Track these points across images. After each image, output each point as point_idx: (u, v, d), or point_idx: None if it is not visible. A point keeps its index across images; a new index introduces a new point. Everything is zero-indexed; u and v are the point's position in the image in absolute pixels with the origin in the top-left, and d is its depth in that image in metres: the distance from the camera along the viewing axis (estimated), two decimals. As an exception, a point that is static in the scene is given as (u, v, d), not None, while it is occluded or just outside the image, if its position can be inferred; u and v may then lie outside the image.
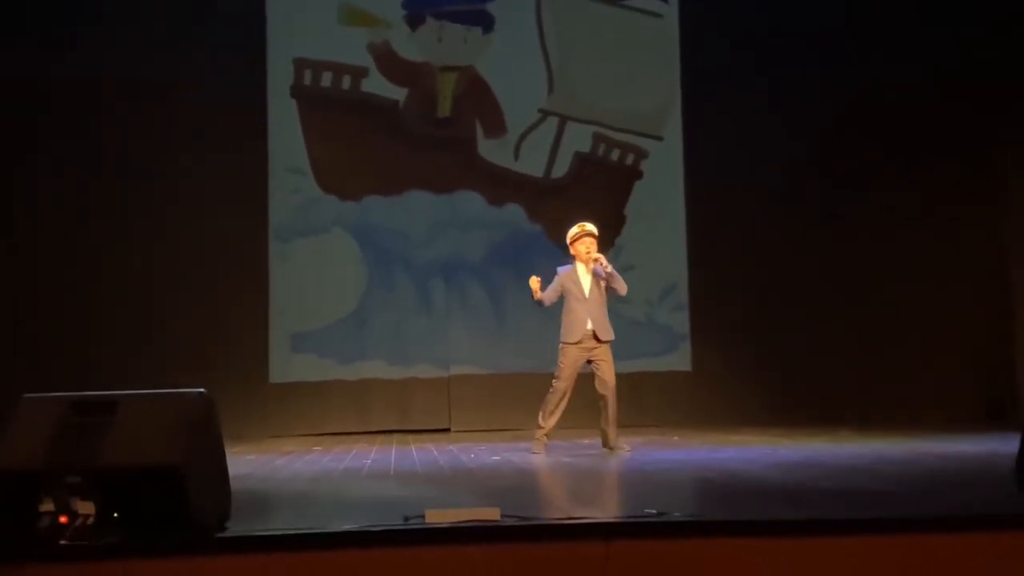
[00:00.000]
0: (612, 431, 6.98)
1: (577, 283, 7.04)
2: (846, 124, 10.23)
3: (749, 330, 10.11)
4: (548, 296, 7.09)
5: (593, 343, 6.95)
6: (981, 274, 10.30)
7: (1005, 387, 9.94)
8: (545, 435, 7.05)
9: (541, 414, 7.06)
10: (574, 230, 7.14)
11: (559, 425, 7.14)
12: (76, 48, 9.80)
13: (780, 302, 10.16)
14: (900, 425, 8.73)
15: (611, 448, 6.97)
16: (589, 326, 6.95)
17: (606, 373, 6.94)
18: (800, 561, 3.39)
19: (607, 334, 7.00)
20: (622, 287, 7.05)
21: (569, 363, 6.97)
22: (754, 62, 10.31)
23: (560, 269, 7.17)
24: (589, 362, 6.98)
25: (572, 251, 7.13)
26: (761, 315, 10.14)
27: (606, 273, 6.96)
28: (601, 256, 7.01)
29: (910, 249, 10.25)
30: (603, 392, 6.93)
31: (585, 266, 7.05)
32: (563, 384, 6.97)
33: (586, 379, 7.09)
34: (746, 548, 3.41)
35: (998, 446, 6.38)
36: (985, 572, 3.39)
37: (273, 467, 6.52)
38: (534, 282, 7.02)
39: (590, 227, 7.12)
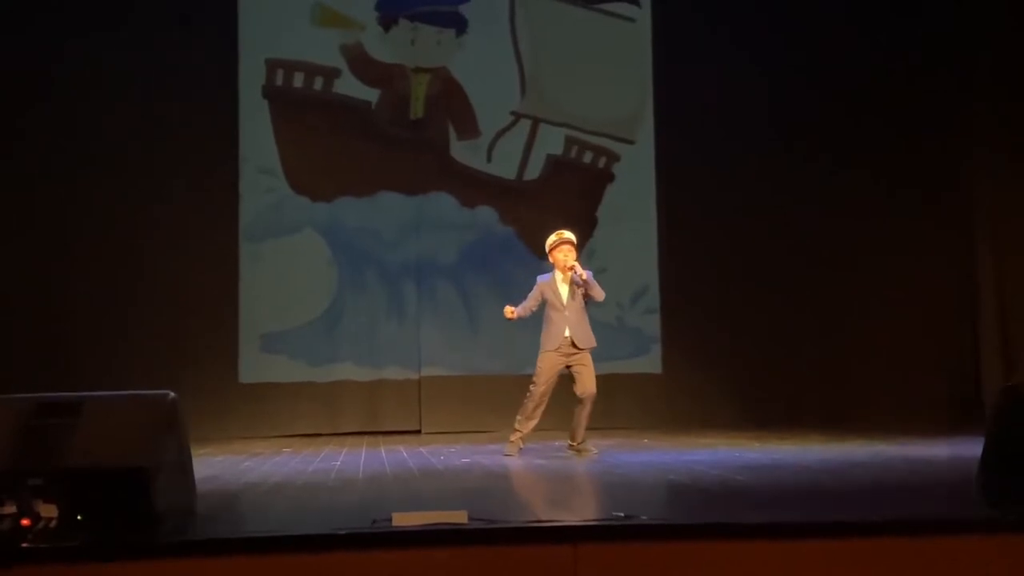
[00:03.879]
0: (580, 432, 7.00)
1: (556, 292, 7.05)
2: (818, 127, 10.28)
3: (720, 333, 10.16)
4: (527, 308, 7.11)
5: (572, 350, 6.96)
6: (949, 280, 10.38)
7: (971, 392, 10.02)
8: (521, 438, 7.06)
9: (518, 418, 7.06)
10: (552, 238, 7.14)
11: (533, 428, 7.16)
12: (44, 46, 9.68)
13: (751, 306, 10.21)
14: (868, 429, 8.79)
15: (577, 448, 6.99)
16: (567, 334, 6.95)
17: (586, 379, 6.93)
18: (767, 564, 3.40)
19: (587, 342, 7.00)
20: (599, 294, 7.07)
21: (547, 368, 6.97)
22: (725, 66, 10.35)
23: (540, 278, 7.18)
24: (569, 368, 6.99)
25: (551, 259, 7.14)
26: (732, 319, 10.19)
27: (582, 280, 6.97)
28: (576, 264, 7.02)
29: (881, 255, 10.31)
30: (582, 397, 6.93)
31: (563, 274, 7.06)
32: (540, 389, 6.97)
33: (563, 382, 7.10)
34: (714, 551, 3.43)
35: (963, 450, 6.44)
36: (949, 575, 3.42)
37: (241, 469, 6.48)
38: (508, 312, 7.07)
39: (568, 235, 7.13)
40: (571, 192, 10.46)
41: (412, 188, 10.29)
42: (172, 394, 3.84)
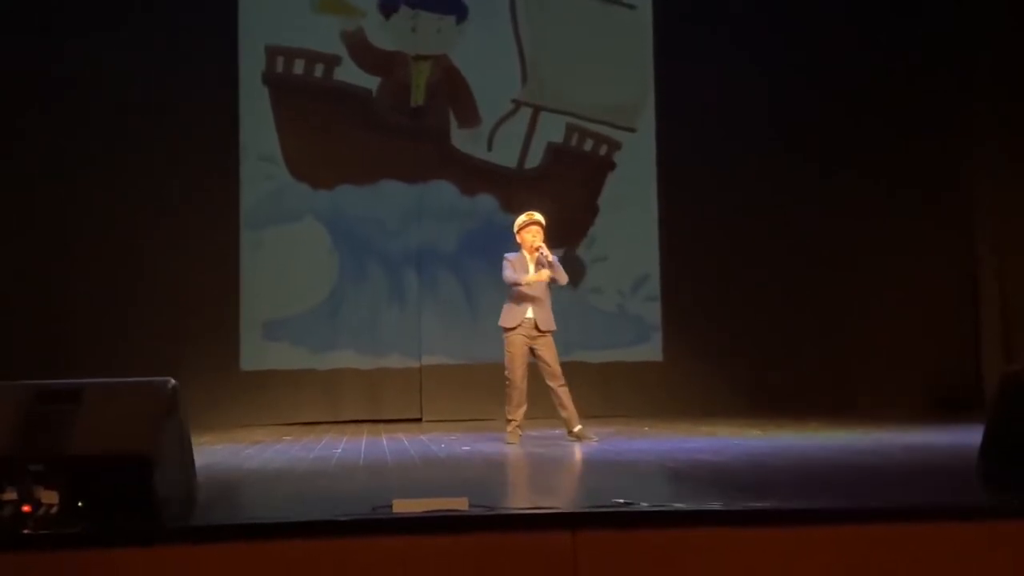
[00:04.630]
0: (571, 417, 7.05)
1: (524, 271, 7.09)
2: (821, 115, 10.27)
3: (720, 322, 10.17)
4: (520, 276, 7.12)
5: (535, 332, 7.04)
6: (950, 268, 10.39)
7: (972, 390, 10.02)
8: (517, 426, 7.08)
9: (507, 408, 7.11)
10: (521, 218, 7.25)
11: (529, 415, 7.18)
12: (44, 46, 9.66)
13: (751, 294, 10.21)
14: (869, 416, 8.80)
15: (576, 435, 7.02)
16: (529, 314, 7.04)
17: (551, 362, 7.03)
18: (766, 551, 3.41)
19: (548, 324, 7.08)
20: (563, 277, 7.15)
21: (516, 353, 7.04)
22: (727, 54, 10.34)
23: (508, 255, 7.21)
24: (532, 351, 7.03)
25: (519, 239, 7.24)
26: (732, 307, 10.19)
27: (548, 262, 7.01)
28: (543, 246, 7.06)
29: (881, 243, 10.32)
30: (550, 383, 7.04)
31: (530, 255, 7.09)
32: (516, 376, 7.03)
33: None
34: (713, 538, 3.43)
35: (963, 439, 6.44)
36: (948, 563, 3.43)
37: (242, 456, 6.49)
38: (544, 275, 7.06)
39: (537, 216, 7.21)
40: (572, 180, 10.44)
41: (413, 176, 10.28)
42: (173, 381, 3.84)
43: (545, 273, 7.06)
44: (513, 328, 7.06)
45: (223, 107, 10.05)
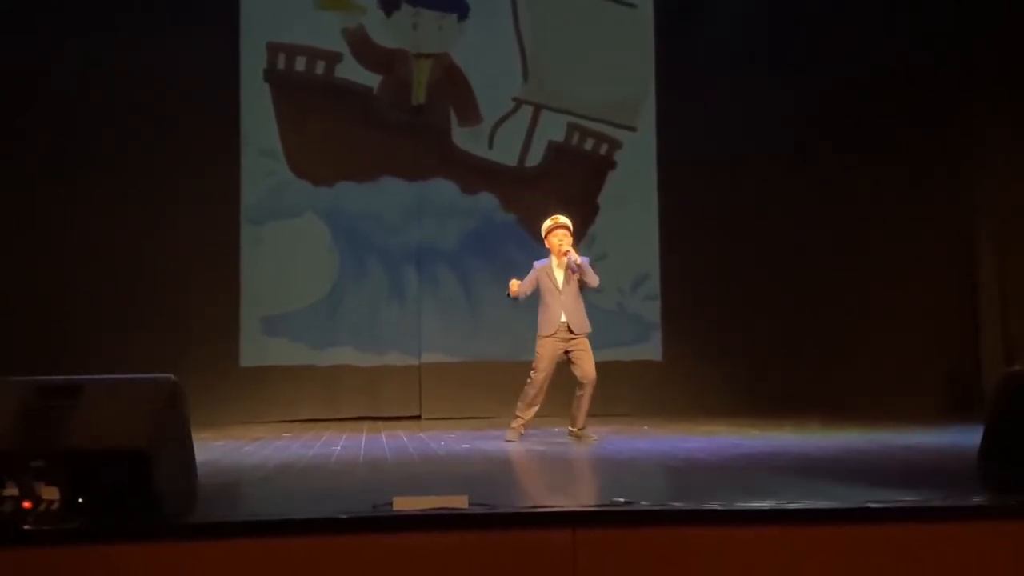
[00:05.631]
0: (579, 418, 7.02)
1: (551, 276, 7.07)
2: (820, 116, 10.27)
3: (720, 321, 10.17)
4: (523, 289, 7.10)
5: (569, 335, 6.97)
6: (950, 268, 10.40)
7: (971, 379, 10.04)
8: (522, 425, 7.07)
9: (519, 404, 7.08)
10: (547, 223, 7.19)
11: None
12: (44, 46, 9.66)
13: (751, 293, 10.21)
14: (868, 417, 8.79)
15: (576, 434, 7.01)
16: (563, 319, 6.97)
17: (586, 364, 6.96)
18: (765, 550, 3.41)
19: (582, 327, 7.02)
20: (593, 279, 7.07)
21: (546, 355, 6.99)
22: (728, 53, 10.34)
23: (537, 263, 7.19)
24: (567, 353, 6.99)
25: (547, 244, 7.17)
26: (732, 306, 10.19)
27: (576, 265, 6.98)
28: (571, 249, 7.03)
29: (881, 243, 10.33)
30: (583, 381, 6.95)
31: (557, 259, 7.07)
32: (541, 376, 6.99)
33: (562, 368, 7.11)
34: (712, 537, 3.44)
35: (963, 438, 6.45)
36: (948, 562, 3.43)
37: (242, 453, 6.50)
38: (514, 284, 7.06)
39: (563, 219, 7.15)
40: (572, 179, 10.44)
41: (413, 174, 10.28)
42: (173, 378, 3.85)
43: (515, 286, 7.01)
44: (549, 335, 7.01)
45: (224, 104, 10.05)
